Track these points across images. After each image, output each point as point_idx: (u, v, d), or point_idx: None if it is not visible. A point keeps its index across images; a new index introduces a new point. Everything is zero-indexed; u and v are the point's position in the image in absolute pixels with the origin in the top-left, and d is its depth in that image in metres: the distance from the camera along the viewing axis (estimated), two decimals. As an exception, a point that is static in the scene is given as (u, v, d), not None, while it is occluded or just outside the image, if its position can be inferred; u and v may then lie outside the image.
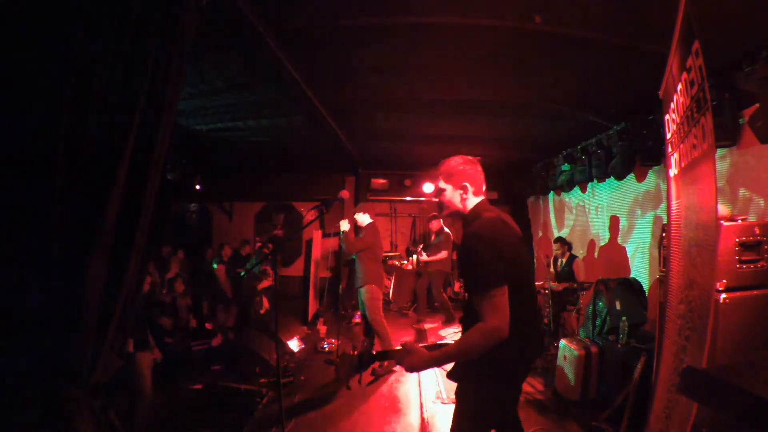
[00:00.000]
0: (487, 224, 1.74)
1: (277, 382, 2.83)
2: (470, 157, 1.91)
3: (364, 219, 4.64)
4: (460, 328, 1.89)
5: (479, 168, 1.90)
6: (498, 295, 1.58)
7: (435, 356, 1.66)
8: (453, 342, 1.69)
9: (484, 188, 1.89)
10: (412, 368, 1.69)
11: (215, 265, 5.74)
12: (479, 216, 1.79)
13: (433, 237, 6.60)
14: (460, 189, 1.85)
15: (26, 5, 1.52)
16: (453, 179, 1.86)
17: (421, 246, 6.93)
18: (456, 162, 1.89)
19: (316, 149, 6.18)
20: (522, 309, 1.68)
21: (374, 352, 1.74)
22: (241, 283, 5.74)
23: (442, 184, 1.90)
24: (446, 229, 6.56)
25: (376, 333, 4.51)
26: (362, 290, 4.48)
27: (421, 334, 5.79)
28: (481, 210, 1.82)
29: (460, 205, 1.87)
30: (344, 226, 4.40)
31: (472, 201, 1.86)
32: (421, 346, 1.73)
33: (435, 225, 6.58)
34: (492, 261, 1.62)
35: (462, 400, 1.86)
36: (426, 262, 6.42)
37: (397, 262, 7.45)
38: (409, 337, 6.12)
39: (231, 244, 7.09)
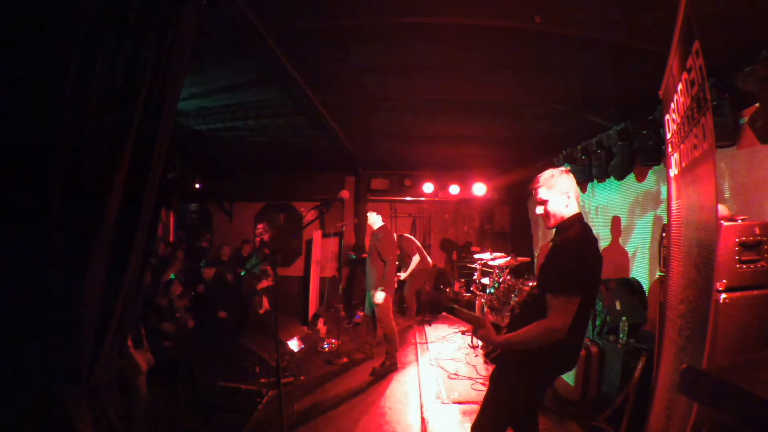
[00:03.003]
0: (586, 237, 1.85)
1: (277, 382, 2.83)
2: (562, 168, 2.00)
3: (376, 220, 4.70)
4: (506, 330, 2.01)
5: (572, 176, 1.97)
6: (572, 302, 1.72)
7: (500, 340, 1.84)
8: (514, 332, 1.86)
9: (578, 194, 1.97)
10: (481, 338, 1.89)
11: (203, 267, 5.70)
12: (576, 225, 1.87)
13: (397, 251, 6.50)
14: (564, 196, 1.92)
15: (26, 5, 1.52)
16: (555, 189, 1.93)
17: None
18: (555, 172, 1.96)
19: (316, 149, 6.17)
20: (582, 321, 1.86)
21: (453, 306, 1.89)
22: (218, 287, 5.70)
23: (544, 195, 1.94)
24: (406, 236, 6.38)
25: (385, 336, 4.53)
26: (372, 294, 4.51)
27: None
28: (576, 222, 1.90)
29: (565, 214, 1.93)
30: (376, 220, 4.63)
31: (573, 209, 1.93)
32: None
33: (406, 243, 6.24)
34: (580, 271, 1.76)
35: (500, 385, 1.99)
36: (408, 276, 6.31)
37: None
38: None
39: (231, 244, 7.09)
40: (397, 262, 7.12)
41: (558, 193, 1.93)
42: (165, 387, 3.56)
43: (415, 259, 6.05)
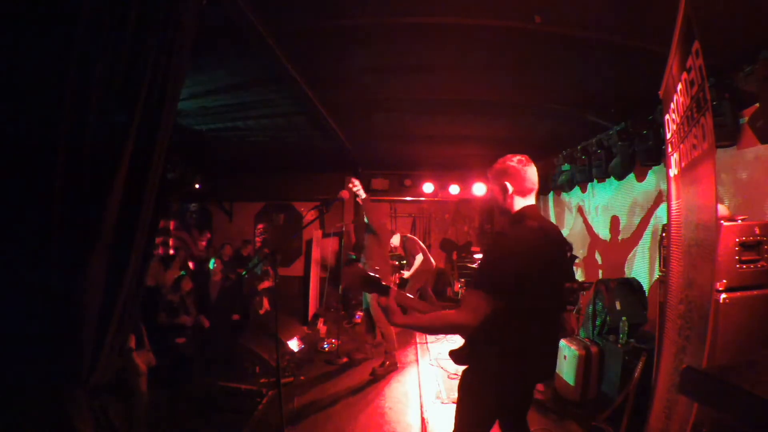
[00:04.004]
0: (521, 234, 1.72)
1: (277, 382, 2.83)
2: (518, 156, 1.86)
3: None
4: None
5: (527, 167, 1.84)
6: (482, 298, 1.61)
7: (403, 321, 1.84)
8: (426, 313, 1.89)
9: (531, 188, 1.84)
10: (388, 314, 1.82)
11: (212, 265, 5.74)
12: (521, 222, 1.77)
13: (401, 251, 6.54)
14: (502, 188, 1.83)
15: (26, 5, 1.52)
16: (496, 179, 1.87)
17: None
18: (500, 162, 1.89)
19: (316, 149, 6.17)
20: (535, 326, 1.74)
21: (383, 284, 1.88)
22: (235, 284, 5.74)
23: (490, 185, 1.93)
24: (410, 236, 6.61)
25: (383, 335, 4.53)
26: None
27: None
28: (525, 217, 1.78)
29: (504, 205, 1.85)
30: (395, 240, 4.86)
31: (519, 202, 1.83)
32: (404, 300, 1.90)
33: (396, 240, 6.44)
34: (498, 267, 1.66)
35: (467, 392, 1.96)
36: (411, 275, 6.36)
37: (396, 267, 7.37)
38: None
39: (232, 244, 7.09)
40: (397, 263, 7.14)
41: (498, 185, 1.86)
42: (165, 387, 3.56)
43: (419, 258, 6.06)
